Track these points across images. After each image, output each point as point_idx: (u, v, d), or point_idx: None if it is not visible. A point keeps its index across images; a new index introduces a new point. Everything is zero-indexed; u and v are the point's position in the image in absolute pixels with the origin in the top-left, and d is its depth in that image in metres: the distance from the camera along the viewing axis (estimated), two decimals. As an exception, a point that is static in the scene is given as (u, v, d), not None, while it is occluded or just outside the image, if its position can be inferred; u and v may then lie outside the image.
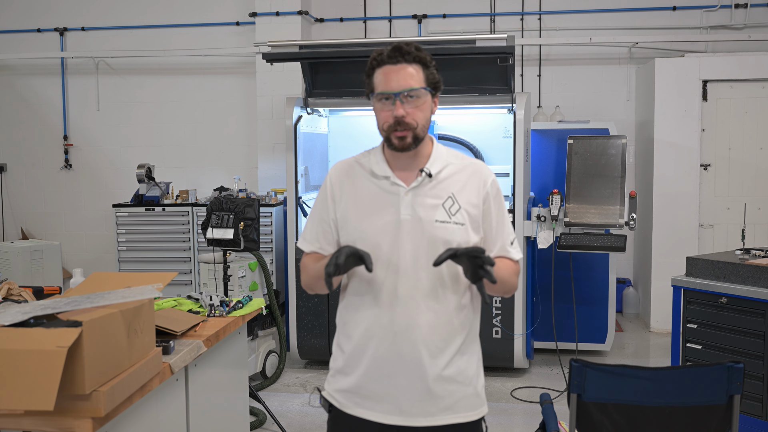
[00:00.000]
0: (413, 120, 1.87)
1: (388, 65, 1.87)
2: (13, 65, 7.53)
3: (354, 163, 2.01)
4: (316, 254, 2.01)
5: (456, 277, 1.90)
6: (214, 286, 4.71)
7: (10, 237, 7.53)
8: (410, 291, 1.87)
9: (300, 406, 4.52)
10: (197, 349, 2.37)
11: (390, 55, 1.87)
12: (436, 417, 1.89)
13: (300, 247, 2.06)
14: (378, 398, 1.90)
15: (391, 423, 1.89)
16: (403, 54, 1.87)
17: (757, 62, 6.01)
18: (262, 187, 6.75)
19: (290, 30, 6.61)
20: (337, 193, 1.98)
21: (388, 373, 1.88)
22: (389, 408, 1.89)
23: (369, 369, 1.90)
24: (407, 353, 1.87)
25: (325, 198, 2.00)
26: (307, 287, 2.04)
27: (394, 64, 1.87)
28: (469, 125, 5.54)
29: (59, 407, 1.68)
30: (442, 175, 1.93)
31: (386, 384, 1.89)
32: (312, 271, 1.97)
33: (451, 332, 1.90)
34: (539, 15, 6.90)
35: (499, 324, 4.88)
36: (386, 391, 1.89)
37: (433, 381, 1.88)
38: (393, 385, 1.88)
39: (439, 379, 1.88)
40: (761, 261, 3.61)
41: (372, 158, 1.98)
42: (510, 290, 1.97)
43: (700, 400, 2.34)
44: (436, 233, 1.87)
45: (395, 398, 1.89)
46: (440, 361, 1.88)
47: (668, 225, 6.12)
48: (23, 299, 2.65)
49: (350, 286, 1.96)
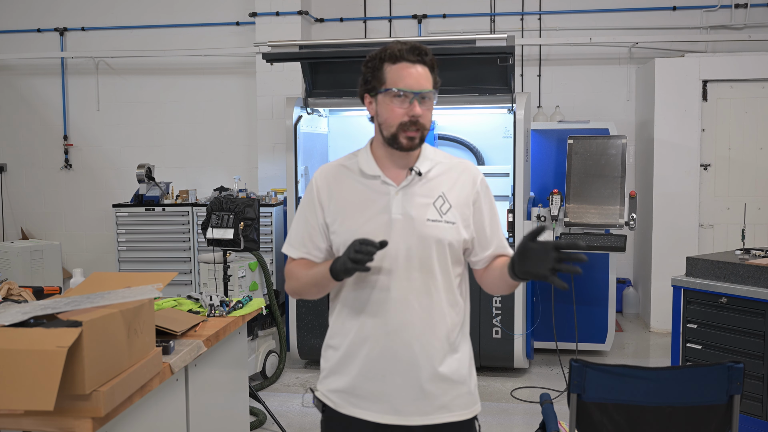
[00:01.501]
0: (426, 121, 1.88)
1: (405, 62, 1.86)
2: (13, 65, 7.53)
3: (339, 167, 2.00)
4: (304, 260, 1.98)
5: (448, 276, 1.91)
6: (214, 286, 4.71)
7: (10, 237, 7.53)
8: (403, 290, 1.87)
9: (300, 406, 4.52)
10: (197, 349, 2.37)
11: (410, 52, 1.86)
12: (431, 416, 1.90)
13: (286, 252, 2.02)
14: (373, 398, 1.90)
15: (387, 422, 1.90)
16: (422, 54, 1.87)
17: (757, 62, 6.01)
18: (262, 187, 6.75)
19: (290, 30, 6.61)
20: (324, 197, 1.95)
21: (383, 372, 1.89)
22: (384, 407, 1.89)
23: (363, 369, 1.90)
24: (401, 353, 1.87)
25: (311, 202, 1.97)
26: (294, 293, 2.01)
27: (413, 63, 1.86)
28: (469, 125, 5.54)
29: (59, 407, 1.68)
30: (432, 174, 1.93)
31: (381, 384, 1.89)
32: (304, 277, 1.94)
33: (444, 331, 1.90)
34: (539, 15, 6.90)
35: (499, 324, 4.88)
36: (381, 391, 1.89)
37: (428, 380, 1.88)
38: (388, 385, 1.89)
39: (433, 378, 1.88)
40: (761, 261, 3.61)
41: (360, 159, 1.97)
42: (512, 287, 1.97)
43: (700, 400, 2.34)
44: (428, 232, 1.87)
45: (390, 398, 1.89)
46: (434, 360, 1.88)
47: (668, 225, 6.12)
48: (23, 299, 2.65)
49: (345, 286, 1.94)
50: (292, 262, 2.00)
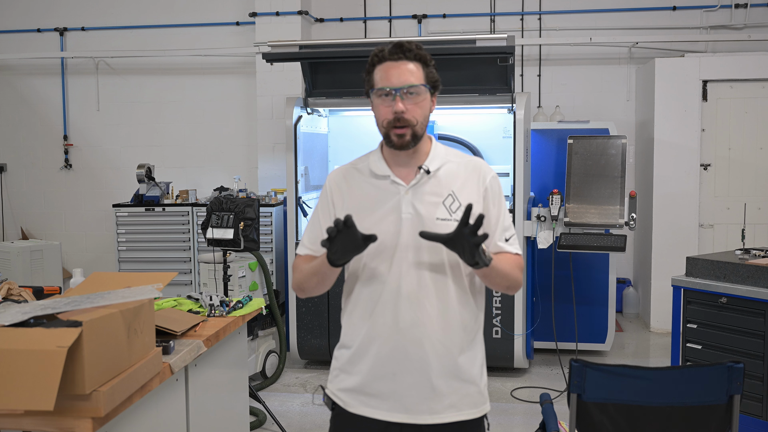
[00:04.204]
0: (412, 117, 1.87)
1: (388, 61, 1.88)
2: (13, 65, 7.53)
3: (350, 168, 2.02)
4: (309, 256, 2.00)
5: (459, 274, 1.91)
6: (214, 286, 4.71)
7: (10, 237, 7.53)
8: (414, 289, 1.88)
9: (300, 406, 4.52)
10: (197, 349, 2.37)
11: (391, 52, 1.89)
12: (440, 415, 1.90)
13: (298, 253, 2.05)
14: (383, 396, 1.91)
15: (396, 421, 1.90)
16: (404, 51, 1.88)
17: (757, 62, 6.01)
18: (262, 187, 6.75)
19: (290, 30, 6.61)
20: (337, 198, 1.99)
21: (393, 371, 1.89)
22: (394, 406, 1.90)
23: (374, 368, 1.91)
24: (412, 351, 1.88)
25: (326, 204, 2.00)
26: (297, 286, 2.02)
27: (395, 61, 1.88)
28: (469, 125, 5.54)
29: (59, 407, 1.68)
30: (441, 172, 1.94)
31: (391, 382, 1.89)
32: (306, 269, 1.96)
33: (455, 330, 1.90)
34: (539, 15, 6.90)
35: (499, 324, 4.88)
36: (391, 390, 1.90)
37: (438, 378, 1.88)
38: (398, 384, 1.89)
39: (443, 376, 1.89)
40: (761, 261, 3.61)
41: (371, 159, 1.99)
42: (513, 284, 1.95)
43: (700, 400, 2.34)
44: (437, 230, 1.85)
45: (400, 396, 1.89)
46: (445, 359, 1.89)
47: (668, 225, 6.12)
48: (23, 299, 2.65)
49: (356, 285, 1.96)
50: (299, 258, 2.03)
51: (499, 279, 1.89)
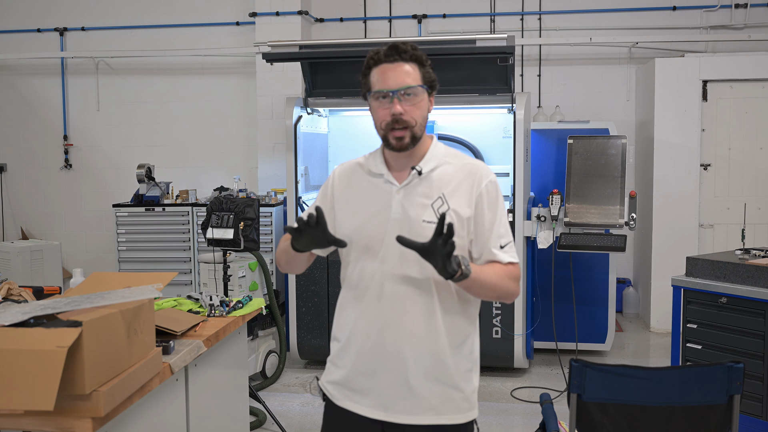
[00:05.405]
0: (411, 118, 1.87)
1: (384, 64, 1.88)
2: (13, 65, 7.53)
3: (356, 165, 2.04)
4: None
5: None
6: (214, 286, 4.71)
7: (10, 237, 7.53)
8: (397, 288, 1.88)
9: (300, 406, 4.52)
10: (197, 349, 2.37)
11: (387, 54, 1.88)
12: (418, 416, 1.89)
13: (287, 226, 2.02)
14: (364, 392, 1.92)
15: (376, 417, 1.91)
16: (399, 52, 1.87)
17: (757, 62, 6.01)
18: (262, 187, 6.75)
19: (290, 30, 6.61)
20: (337, 190, 2.01)
21: (373, 368, 1.90)
22: (374, 402, 1.91)
23: (356, 363, 1.93)
24: (391, 350, 1.88)
25: (324, 191, 2.05)
26: (277, 261, 2.09)
27: (391, 63, 1.87)
28: (469, 125, 5.54)
29: (59, 407, 1.68)
30: (435, 174, 1.92)
31: (371, 379, 1.91)
32: (281, 246, 2.03)
33: (438, 332, 1.88)
34: (539, 15, 6.89)
35: (499, 324, 4.88)
36: (371, 386, 1.91)
37: (415, 379, 1.88)
38: (377, 381, 1.90)
39: (421, 377, 1.88)
40: (761, 261, 3.61)
41: (371, 158, 2.01)
42: (503, 295, 1.90)
43: (700, 400, 2.34)
44: (423, 233, 1.81)
45: (379, 394, 1.90)
46: (425, 361, 1.88)
47: (668, 225, 6.12)
48: (23, 299, 2.65)
49: (346, 280, 1.99)
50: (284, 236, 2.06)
51: (484, 291, 1.84)
